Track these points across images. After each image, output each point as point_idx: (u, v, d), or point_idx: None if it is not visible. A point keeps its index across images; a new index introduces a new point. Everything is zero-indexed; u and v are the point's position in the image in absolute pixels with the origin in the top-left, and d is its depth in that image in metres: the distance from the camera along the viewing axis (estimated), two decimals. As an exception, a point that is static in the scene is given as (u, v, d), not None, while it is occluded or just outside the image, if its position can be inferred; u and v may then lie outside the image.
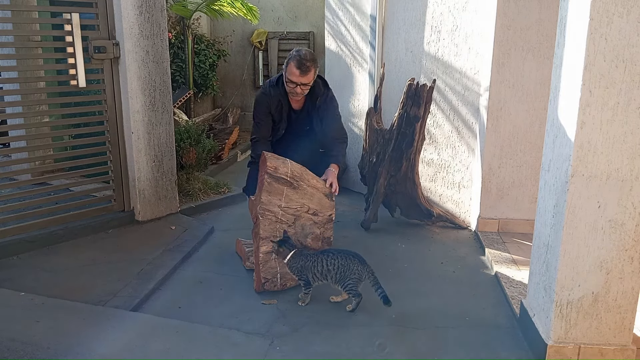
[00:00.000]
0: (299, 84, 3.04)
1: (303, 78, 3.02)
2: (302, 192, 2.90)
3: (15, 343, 2.19)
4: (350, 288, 2.61)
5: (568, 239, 2.07)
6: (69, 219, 3.39)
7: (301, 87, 3.06)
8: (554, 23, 3.20)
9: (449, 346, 2.38)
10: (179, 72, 6.16)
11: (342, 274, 2.61)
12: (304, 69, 2.99)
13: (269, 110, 3.20)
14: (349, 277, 2.60)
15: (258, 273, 2.81)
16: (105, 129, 3.49)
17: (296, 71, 3.00)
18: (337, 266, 2.61)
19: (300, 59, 2.98)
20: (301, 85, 3.05)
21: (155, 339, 2.30)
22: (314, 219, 2.93)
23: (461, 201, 3.95)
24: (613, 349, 2.16)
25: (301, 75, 3.00)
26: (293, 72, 3.01)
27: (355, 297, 2.62)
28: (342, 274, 2.61)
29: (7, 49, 3.43)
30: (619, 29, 1.87)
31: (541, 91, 3.43)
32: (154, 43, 3.53)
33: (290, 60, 3.03)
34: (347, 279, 2.61)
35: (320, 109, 3.21)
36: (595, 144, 1.97)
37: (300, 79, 3.02)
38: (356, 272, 2.60)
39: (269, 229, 2.81)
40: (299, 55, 3.00)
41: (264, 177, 2.81)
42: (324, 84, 3.26)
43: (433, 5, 3.86)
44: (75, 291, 2.73)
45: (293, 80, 3.03)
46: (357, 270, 2.60)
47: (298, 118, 3.26)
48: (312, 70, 3.03)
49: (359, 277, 2.61)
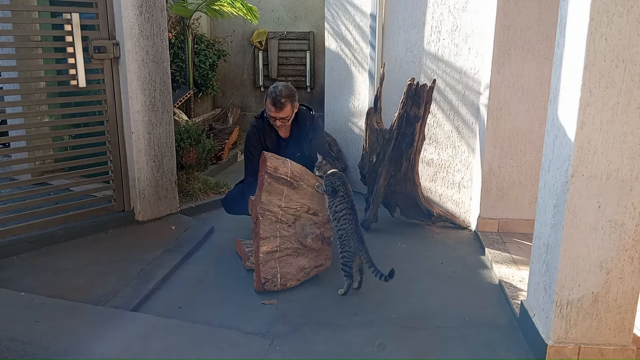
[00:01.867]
0: (277, 118, 3.20)
1: (280, 113, 3.18)
2: (302, 192, 2.90)
3: (15, 343, 2.19)
4: (343, 263, 2.80)
5: (568, 239, 2.07)
6: (69, 219, 3.39)
7: (280, 121, 3.22)
8: (554, 23, 3.20)
9: (449, 346, 2.38)
10: (179, 72, 6.16)
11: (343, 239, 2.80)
12: (279, 105, 3.15)
13: (260, 142, 3.33)
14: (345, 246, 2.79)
15: (258, 273, 2.81)
16: (105, 129, 3.49)
17: (272, 107, 3.17)
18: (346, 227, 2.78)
19: (275, 97, 3.15)
20: (280, 119, 3.21)
21: (155, 339, 2.30)
22: (314, 219, 2.93)
23: (461, 201, 3.95)
24: (613, 349, 2.15)
25: (277, 111, 3.17)
26: (269, 108, 3.19)
27: (347, 277, 2.80)
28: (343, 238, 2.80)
29: (7, 49, 3.43)
30: (619, 29, 1.87)
31: (541, 91, 3.43)
32: (154, 43, 3.54)
33: (267, 97, 3.20)
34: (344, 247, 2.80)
35: (309, 131, 3.32)
36: (595, 144, 1.97)
37: (277, 114, 3.19)
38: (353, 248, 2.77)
39: (269, 229, 2.81)
40: (274, 92, 3.16)
41: (264, 177, 2.81)
42: (307, 109, 3.40)
43: (433, 5, 3.86)
44: (75, 291, 2.73)
45: (271, 115, 3.21)
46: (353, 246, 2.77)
47: (288, 146, 3.35)
48: (288, 105, 3.18)
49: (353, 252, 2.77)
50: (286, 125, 3.28)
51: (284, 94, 3.16)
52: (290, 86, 3.25)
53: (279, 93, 3.16)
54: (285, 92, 3.17)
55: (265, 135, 3.34)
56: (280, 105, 3.16)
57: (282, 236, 2.85)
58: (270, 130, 3.34)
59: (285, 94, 3.16)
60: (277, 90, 3.17)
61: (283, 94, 3.16)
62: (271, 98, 3.17)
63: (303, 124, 3.34)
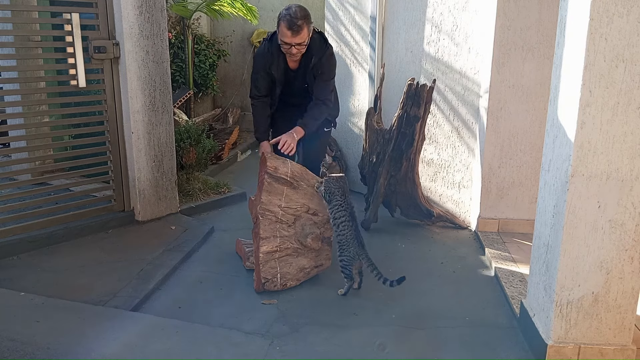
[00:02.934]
0: (292, 44, 2.86)
1: (296, 38, 2.83)
2: (302, 192, 2.90)
3: (15, 343, 2.19)
4: (342, 266, 2.79)
5: (568, 239, 2.07)
6: (69, 219, 3.39)
7: (296, 47, 2.89)
8: (554, 23, 3.20)
9: (449, 346, 2.38)
10: (179, 72, 6.16)
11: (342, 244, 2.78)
12: (296, 28, 2.80)
13: (265, 68, 3.05)
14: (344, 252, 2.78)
15: (258, 273, 2.81)
16: (105, 129, 3.49)
17: (287, 32, 2.82)
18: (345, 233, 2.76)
19: (291, 19, 2.78)
20: (296, 45, 2.87)
21: (155, 339, 2.30)
22: (314, 219, 2.93)
23: (461, 201, 3.95)
24: (613, 349, 2.16)
25: (293, 35, 2.82)
26: (285, 33, 2.83)
27: (347, 279, 2.81)
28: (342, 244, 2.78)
29: (7, 49, 3.43)
30: (619, 29, 1.87)
31: (541, 91, 3.43)
32: (154, 43, 3.53)
33: (281, 20, 2.83)
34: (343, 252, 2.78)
35: (316, 67, 3.03)
36: (595, 144, 1.97)
37: (293, 40, 2.84)
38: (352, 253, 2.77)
39: (269, 229, 2.81)
40: (288, 14, 2.80)
41: (264, 177, 2.81)
42: (322, 40, 3.05)
43: (433, 5, 3.86)
44: (75, 291, 2.73)
45: (286, 42, 2.86)
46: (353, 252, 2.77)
47: (296, 77, 3.11)
48: (305, 28, 2.83)
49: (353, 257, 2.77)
50: (301, 52, 2.94)
51: (300, 14, 2.80)
52: (303, 7, 2.88)
53: (294, 15, 2.79)
54: (300, 12, 2.81)
55: (272, 61, 3.02)
56: (297, 28, 2.79)
57: (282, 236, 2.85)
58: (279, 58, 3.01)
59: (301, 15, 2.80)
60: (292, 11, 2.80)
61: (299, 15, 2.79)
62: (286, 21, 2.79)
63: (316, 56, 3.00)
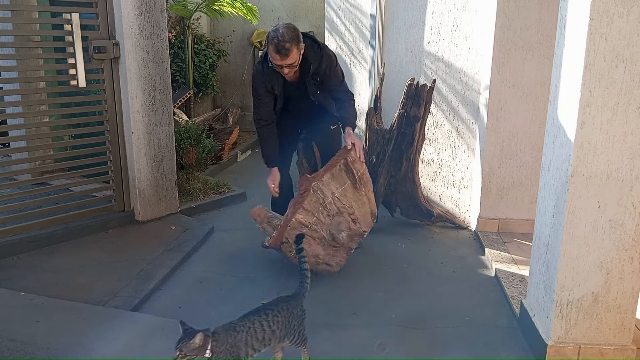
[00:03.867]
0: (283, 65, 2.84)
1: (286, 60, 2.81)
2: (358, 195, 2.93)
3: (15, 343, 2.19)
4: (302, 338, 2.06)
5: (568, 239, 2.07)
6: (69, 219, 3.39)
7: (288, 67, 2.87)
8: (554, 23, 3.20)
9: (449, 346, 2.38)
10: (179, 72, 6.16)
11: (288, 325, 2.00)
12: (284, 52, 2.77)
13: (266, 87, 3.02)
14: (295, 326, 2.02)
15: (281, 233, 2.79)
16: (105, 129, 3.49)
17: (276, 56, 2.79)
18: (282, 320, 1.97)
19: (278, 42, 2.75)
20: (287, 66, 2.85)
21: (155, 339, 2.30)
22: (351, 225, 2.95)
23: (461, 201, 3.95)
24: (613, 349, 2.16)
25: (282, 59, 2.80)
26: (274, 57, 2.81)
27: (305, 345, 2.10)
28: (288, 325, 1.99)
29: (7, 49, 3.43)
30: (619, 29, 1.87)
31: (541, 91, 3.43)
32: (154, 43, 3.53)
33: (269, 43, 2.79)
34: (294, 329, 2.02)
35: (316, 73, 2.99)
36: (595, 144, 1.97)
37: (283, 62, 2.82)
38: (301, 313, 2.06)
39: (313, 206, 2.83)
40: (276, 36, 2.76)
41: (339, 162, 2.83)
42: (315, 45, 2.98)
43: (433, 5, 3.86)
44: (75, 291, 2.73)
45: (277, 64, 2.84)
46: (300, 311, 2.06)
47: (298, 87, 3.07)
48: (294, 49, 2.79)
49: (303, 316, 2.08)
50: (294, 70, 2.91)
51: (287, 37, 2.75)
52: (292, 26, 2.83)
53: (281, 38, 2.74)
54: (288, 34, 2.76)
55: (271, 80, 2.99)
56: (285, 51, 2.76)
57: (319, 219, 2.87)
58: (277, 75, 2.97)
59: (288, 37, 2.75)
60: (279, 33, 2.75)
61: (286, 38, 2.74)
62: (273, 45, 2.76)
63: (313, 64, 2.95)
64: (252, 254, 3.31)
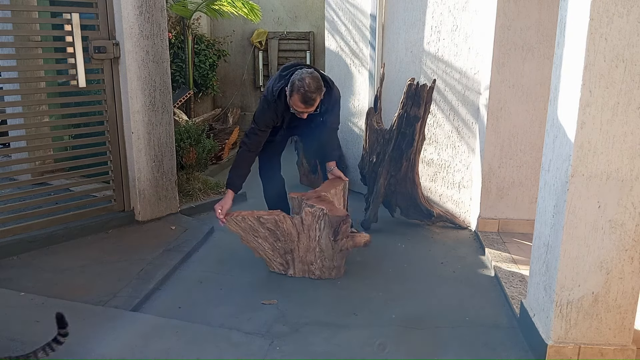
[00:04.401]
0: (305, 112, 2.96)
1: (309, 108, 2.92)
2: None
3: (15, 343, 2.19)
4: None
5: (568, 239, 2.07)
6: (69, 219, 3.39)
7: (307, 112, 2.98)
8: (554, 23, 3.20)
9: (449, 346, 2.38)
10: (179, 72, 6.16)
11: None
12: (310, 102, 2.88)
13: (273, 122, 3.13)
14: None
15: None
16: (105, 129, 3.49)
17: (301, 105, 2.89)
18: None
19: (305, 93, 2.83)
20: (307, 112, 2.97)
21: (155, 339, 2.30)
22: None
23: (461, 201, 3.95)
24: (613, 349, 2.15)
25: (307, 107, 2.90)
26: (298, 105, 2.90)
27: None
28: None
29: (7, 49, 3.43)
30: (619, 29, 1.87)
31: (541, 91, 3.43)
32: (154, 43, 3.53)
33: (294, 92, 2.85)
34: None
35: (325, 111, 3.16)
36: (595, 144, 1.97)
37: (306, 110, 2.93)
38: None
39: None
40: (303, 86, 2.82)
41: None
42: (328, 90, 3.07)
43: (433, 5, 3.86)
44: (75, 291, 2.73)
45: (299, 111, 2.95)
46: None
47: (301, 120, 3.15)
48: (318, 98, 2.89)
49: None
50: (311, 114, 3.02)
51: (313, 87, 2.84)
52: (315, 75, 2.90)
53: (307, 88, 2.82)
54: (314, 84, 2.84)
55: (279, 117, 3.10)
56: (312, 102, 2.87)
57: None
58: (286, 113, 3.07)
59: (314, 88, 2.84)
60: (305, 83, 2.82)
61: (312, 89, 2.83)
62: (300, 95, 2.84)
63: (324, 105, 3.08)
64: (252, 254, 3.31)
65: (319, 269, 2.99)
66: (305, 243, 2.92)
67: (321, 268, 2.99)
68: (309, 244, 2.93)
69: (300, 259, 2.97)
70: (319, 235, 2.90)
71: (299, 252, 2.95)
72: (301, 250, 2.94)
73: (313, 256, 2.96)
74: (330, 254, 2.96)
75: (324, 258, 2.97)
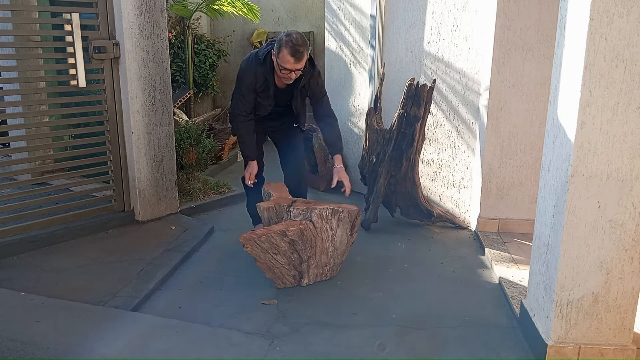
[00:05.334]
0: (293, 70, 2.91)
1: (297, 64, 2.89)
2: None
3: (15, 343, 2.19)
4: None
5: (568, 239, 2.07)
6: (69, 219, 3.39)
7: (295, 73, 2.95)
8: (554, 23, 3.20)
9: (449, 346, 2.38)
10: (179, 72, 6.16)
11: None
12: (298, 55, 2.85)
13: (254, 87, 3.07)
14: None
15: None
16: (105, 129, 3.49)
17: (290, 59, 2.85)
18: None
19: (294, 46, 2.82)
20: (295, 71, 2.93)
21: (155, 339, 2.30)
22: None
23: (461, 201, 3.95)
24: (613, 349, 2.16)
25: (296, 62, 2.87)
26: (287, 59, 2.86)
27: None
28: None
29: (7, 49, 3.43)
30: (619, 29, 1.87)
31: (541, 91, 3.43)
32: (154, 43, 3.53)
33: (283, 46, 2.85)
34: None
35: (305, 87, 3.12)
36: (595, 144, 1.97)
37: (294, 66, 2.89)
38: None
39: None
40: (290, 40, 2.83)
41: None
42: (310, 63, 3.10)
43: (433, 5, 3.86)
44: (75, 291, 2.73)
45: (287, 68, 2.90)
46: None
47: (282, 94, 3.15)
48: (306, 54, 2.90)
49: None
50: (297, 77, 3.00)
51: (301, 41, 2.85)
52: (301, 33, 2.93)
53: (296, 42, 2.82)
54: (301, 39, 2.86)
55: (262, 83, 3.06)
56: (300, 55, 2.85)
57: None
58: (269, 79, 3.06)
59: (302, 42, 2.85)
60: (293, 38, 2.83)
61: (300, 42, 2.84)
62: (289, 48, 2.82)
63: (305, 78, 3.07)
64: (252, 254, 3.32)
65: (330, 268, 2.99)
66: (320, 246, 2.89)
67: (332, 267, 3.00)
68: (323, 245, 2.90)
69: (317, 264, 2.92)
70: (332, 234, 2.89)
71: (315, 257, 2.89)
72: (317, 254, 2.89)
73: (326, 257, 2.94)
74: (343, 249, 2.99)
75: (336, 256, 2.97)
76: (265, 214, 2.99)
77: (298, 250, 2.83)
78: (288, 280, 2.90)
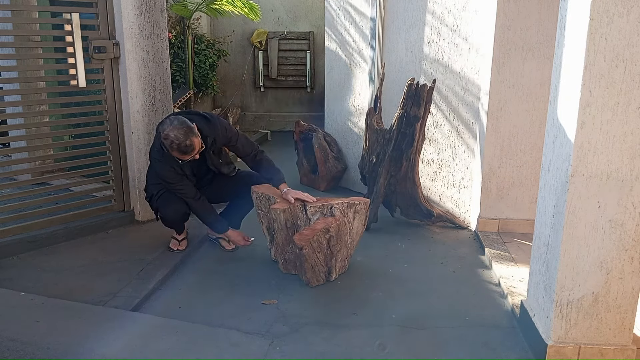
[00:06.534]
0: (193, 157, 2.90)
1: (193, 153, 2.86)
2: None
3: (15, 343, 2.19)
4: None
5: (568, 239, 2.07)
6: (69, 219, 3.39)
7: (195, 156, 2.92)
8: (554, 23, 3.20)
9: (449, 346, 2.38)
10: (179, 72, 6.16)
11: None
12: (189, 149, 2.82)
13: (176, 171, 3.00)
14: None
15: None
16: (105, 129, 3.49)
17: (184, 156, 2.85)
18: None
19: (179, 145, 2.77)
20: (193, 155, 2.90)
21: (155, 339, 2.30)
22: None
23: (461, 201, 3.95)
24: (613, 349, 2.16)
25: (190, 154, 2.85)
26: (181, 157, 2.86)
27: None
28: None
29: (7, 49, 3.43)
30: (619, 29, 1.87)
31: (541, 91, 3.43)
32: (154, 43, 3.54)
33: (170, 150, 2.82)
34: None
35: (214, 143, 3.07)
36: (595, 144, 1.97)
37: (191, 156, 2.88)
38: None
39: None
40: (173, 142, 2.77)
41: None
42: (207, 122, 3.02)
43: (433, 5, 3.86)
44: (75, 291, 2.73)
45: (186, 160, 2.90)
46: None
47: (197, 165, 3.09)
48: (196, 140, 2.83)
49: None
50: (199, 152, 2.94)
51: (182, 136, 2.77)
52: (182, 120, 2.82)
53: (178, 141, 2.76)
54: (181, 133, 2.77)
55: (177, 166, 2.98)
56: (190, 148, 2.81)
57: None
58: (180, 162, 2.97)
59: (183, 136, 2.77)
60: (176, 138, 2.76)
61: (182, 138, 2.77)
62: (177, 151, 2.80)
63: (210, 137, 3.01)
64: (252, 255, 3.32)
65: (348, 260, 3.09)
66: (343, 240, 2.95)
67: (348, 259, 3.08)
68: (344, 238, 2.95)
69: (342, 257, 3.00)
70: (349, 227, 2.94)
71: (341, 250, 2.97)
72: (342, 247, 2.96)
73: (346, 249, 3.00)
74: (358, 241, 3.07)
75: (352, 247, 3.05)
76: (282, 216, 2.95)
77: (331, 247, 2.88)
78: (321, 277, 2.95)
